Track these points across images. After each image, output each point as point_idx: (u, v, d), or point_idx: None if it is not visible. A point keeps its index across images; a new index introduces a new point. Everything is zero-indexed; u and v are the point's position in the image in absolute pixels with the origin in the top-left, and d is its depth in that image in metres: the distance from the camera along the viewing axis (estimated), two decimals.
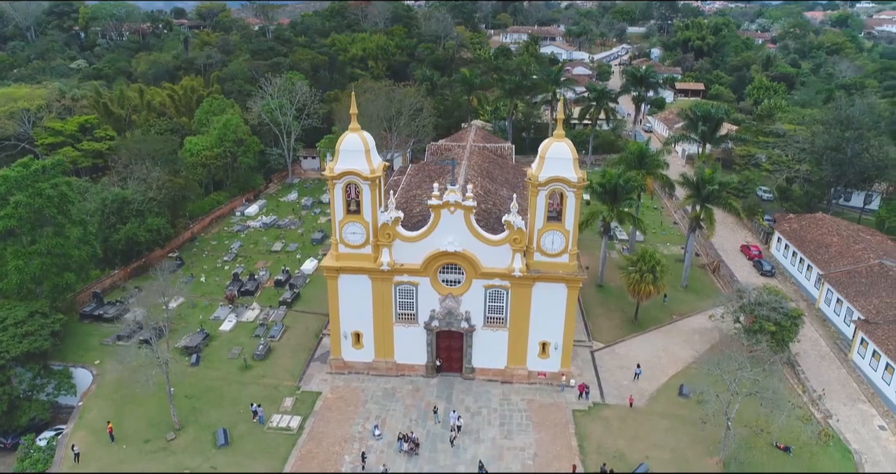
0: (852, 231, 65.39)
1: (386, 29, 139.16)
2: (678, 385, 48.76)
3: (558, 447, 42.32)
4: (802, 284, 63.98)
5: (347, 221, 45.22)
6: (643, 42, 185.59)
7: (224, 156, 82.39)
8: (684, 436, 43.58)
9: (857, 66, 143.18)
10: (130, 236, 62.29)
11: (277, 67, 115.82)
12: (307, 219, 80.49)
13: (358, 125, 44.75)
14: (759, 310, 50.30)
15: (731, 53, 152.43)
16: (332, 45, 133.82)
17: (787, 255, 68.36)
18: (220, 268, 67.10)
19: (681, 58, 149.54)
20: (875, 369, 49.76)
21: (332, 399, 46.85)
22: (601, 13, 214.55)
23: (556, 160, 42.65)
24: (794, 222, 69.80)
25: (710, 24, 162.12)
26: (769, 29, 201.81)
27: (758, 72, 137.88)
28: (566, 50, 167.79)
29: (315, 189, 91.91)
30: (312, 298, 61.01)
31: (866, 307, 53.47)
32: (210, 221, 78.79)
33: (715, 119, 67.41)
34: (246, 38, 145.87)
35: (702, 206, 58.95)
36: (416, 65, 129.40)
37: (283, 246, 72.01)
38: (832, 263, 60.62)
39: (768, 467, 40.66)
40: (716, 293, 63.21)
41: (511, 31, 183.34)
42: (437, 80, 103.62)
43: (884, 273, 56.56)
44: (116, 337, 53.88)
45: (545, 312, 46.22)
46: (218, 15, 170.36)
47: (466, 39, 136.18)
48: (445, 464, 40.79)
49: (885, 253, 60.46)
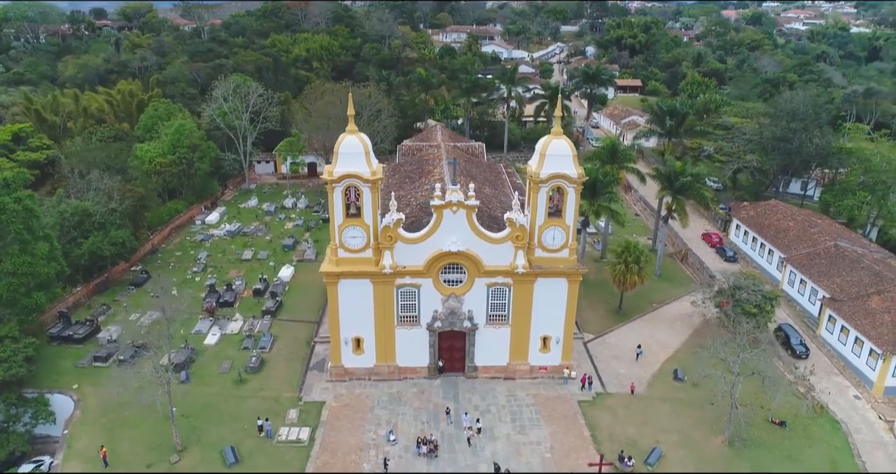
0: (805, 216, 69.86)
1: (328, 29, 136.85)
2: (672, 370, 50.67)
3: (572, 438, 43.12)
4: (765, 268, 67.72)
5: (347, 225, 44.34)
6: (577, 40, 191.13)
7: (179, 162, 78.81)
8: (687, 419, 45.37)
9: (776, 61, 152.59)
10: (94, 250, 58.65)
11: (220, 69, 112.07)
12: (273, 225, 78.21)
13: (355, 127, 43.94)
14: (740, 293, 52.91)
15: (662, 51, 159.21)
16: (272, 46, 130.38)
17: (746, 241, 72.21)
18: (190, 280, 64.24)
19: (616, 55, 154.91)
20: (844, 343, 53.39)
21: (337, 407, 45.84)
22: (534, 13, 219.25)
23: (557, 157, 43.37)
24: (751, 209, 73.80)
25: (640, 23, 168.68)
26: (692, 27, 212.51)
27: (689, 68, 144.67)
28: (506, 49, 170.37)
29: (274, 194, 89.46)
30: (295, 306, 59.56)
31: (830, 286, 57.25)
32: (170, 231, 75.23)
33: (681, 114, 70.35)
34: (180, 40, 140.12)
35: (674, 198, 61.33)
36: (363, 65, 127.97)
37: (253, 254, 69.74)
38: (792, 247, 64.51)
39: (769, 442, 42.87)
40: (688, 280, 66.19)
41: (450, 30, 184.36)
42: (394, 80, 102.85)
43: (840, 254, 60.70)
44: (93, 358, 50.73)
45: (547, 307, 46.94)
46: (145, 15, 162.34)
47: (412, 39, 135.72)
48: (467, 464, 40.79)
49: (838, 235, 64.90)
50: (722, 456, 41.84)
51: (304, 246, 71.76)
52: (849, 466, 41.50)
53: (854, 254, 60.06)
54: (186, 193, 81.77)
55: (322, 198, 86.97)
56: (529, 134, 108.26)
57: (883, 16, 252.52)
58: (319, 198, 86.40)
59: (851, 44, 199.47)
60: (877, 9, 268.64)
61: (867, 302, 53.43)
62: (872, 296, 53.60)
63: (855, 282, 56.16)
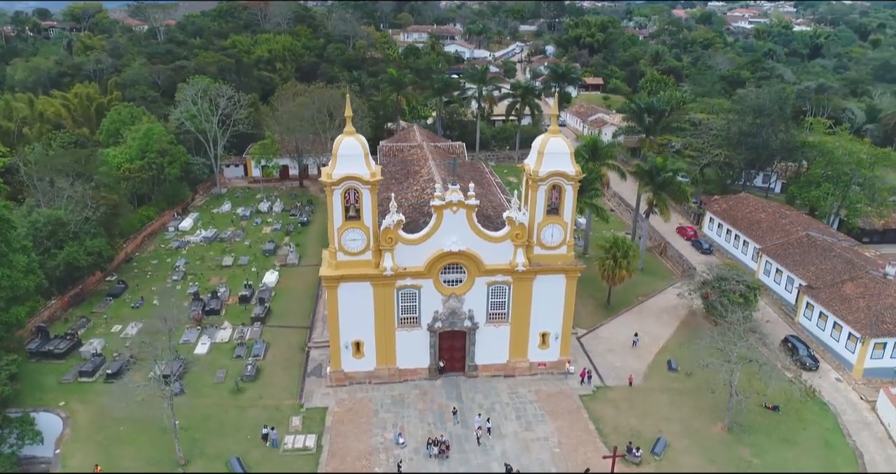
0: (774, 207, 72.62)
1: (290, 29, 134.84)
2: (665, 361, 51.93)
3: (578, 432, 43.72)
4: (740, 259, 70.00)
5: (347, 228, 43.85)
6: (536, 40, 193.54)
7: (148, 168, 76.39)
8: (686, 408, 46.56)
9: (728, 59, 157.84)
10: (70, 261, 56.26)
11: (181, 71, 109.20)
12: (250, 230, 76.57)
13: (353, 128, 43.48)
14: (725, 284, 54.58)
15: (620, 49, 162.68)
16: (233, 47, 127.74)
17: (720, 234, 74.52)
18: (171, 289, 62.34)
19: (576, 54, 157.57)
20: (823, 329, 55.71)
21: (340, 412, 45.26)
22: (492, 12, 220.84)
23: (555, 155, 43.90)
24: (723, 203, 76.23)
25: (598, 22, 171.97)
26: (646, 26, 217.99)
27: (647, 66, 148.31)
28: (469, 48, 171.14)
29: (247, 198, 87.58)
30: (284, 311, 58.54)
31: (806, 274, 59.65)
32: (143, 239, 72.80)
33: (658, 111, 72.05)
34: (135, 41, 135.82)
35: (655, 193, 62.79)
36: (328, 65, 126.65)
37: (233, 260, 68.15)
38: (766, 238, 66.93)
39: (765, 427, 44.40)
40: (669, 273, 67.90)
41: (411, 30, 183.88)
42: (365, 80, 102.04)
43: (812, 243, 63.31)
44: (78, 373, 48.67)
45: (546, 304, 47.45)
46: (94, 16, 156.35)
47: (377, 39, 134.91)
48: (479, 464, 40.85)
49: (808, 225, 67.64)
50: (723, 442, 43.11)
51: (285, 250, 70.50)
52: (840, 445, 43.35)
53: (825, 243, 62.75)
54: (157, 199, 79.28)
55: (298, 201, 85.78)
56: (499, 132, 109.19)
57: (821, 14, 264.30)
58: (295, 202, 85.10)
59: (795, 42, 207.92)
60: (814, 8, 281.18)
61: (842, 288, 55.87)
62: (846, 283, 56.08)
63: (829, 270, 58.64)
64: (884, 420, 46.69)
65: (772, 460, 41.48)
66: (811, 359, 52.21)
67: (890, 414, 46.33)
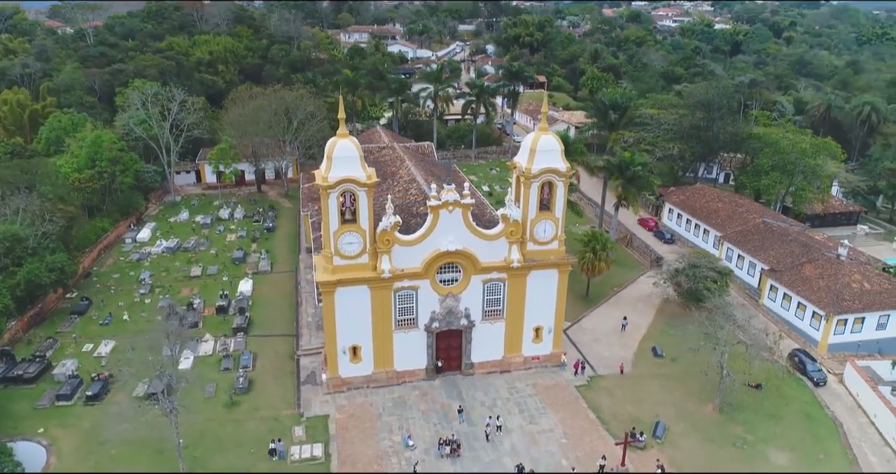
0: (729, 197, 76.49)
1: (230, 30, 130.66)
2: (650, 348, 53.87)
3: (580, 422, 44.79)
4: (701, 246, 73.24)
5: (343, 231, 43.19)
6: (476, 39, 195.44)
7: (100, 177, 72.57)
8: (676, 392, 48.49)
9: (661, 56, 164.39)
10: (31, 279, 52.83)
11: (119, 75, 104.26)
12: (214, 238, 73.97)
13: (346, 130, 42.87)
14: (698, 271, 57.10)
15: (559, 48, 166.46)
16: (170, 49, 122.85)
17: (680, 224, 77.79)
18: (140, 303, 59.54)
19: (518, 53, 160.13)
20: (787, 309, 59.18)
21: (343, 419, 44.59)
22: (429, 12, 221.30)
23: (547, 152, 44.75)
24: (680, 194, 79.59)
25: (535, 22, 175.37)
26: (579, 25, 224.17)
27: (587, 64, 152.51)
28: (412, 48, 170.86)
29: (204, 205, 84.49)
30: (265, 320, 57.06)
31: (767, 258, 63.17)
32: (99, 253, 69.04)
33: (623, 107, 74.34)
34: (63, 44, 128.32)
35: (625, 187, 64.89)
36: (272, 67, 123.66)
37: (202, 270, 65.69)
38: (726, 226, 70.41)
39: (751, 405, 46.80)
40: (637, 263, 70.30)
41: (351, 30, 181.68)
42: (320, 81, 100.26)
43: (769, 229, 67.10)
44: (55, 397, 45.80)
45: (539, 298, 48.28)
46: (12, 17, 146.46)
47: (321, 39, 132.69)
48: (491, 460, 41.19)
49: (762, 213, 71.59)
50: (716, 422, 45.19)
51: (255, 257, 68.60)
52: (821, 417, 46.27)
53: (781, 229, 66.65)
54: (110, 210, 75.38)
55: (259, 207, 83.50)
56: (454, 132, 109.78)
57: (736, 13, 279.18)
58: (257, 208, 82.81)
59: (717, 39, 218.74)
60: (730, 7, 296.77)
61: (801, 270, 59.53)
62: (805, 265, 59.79)
63: (788, 254, 62.33)
64: (852, 390, 50.10)
65: (763, 435, 43.83)
66: (820, 374, 50.40)
67: (857, 384, 49.75)
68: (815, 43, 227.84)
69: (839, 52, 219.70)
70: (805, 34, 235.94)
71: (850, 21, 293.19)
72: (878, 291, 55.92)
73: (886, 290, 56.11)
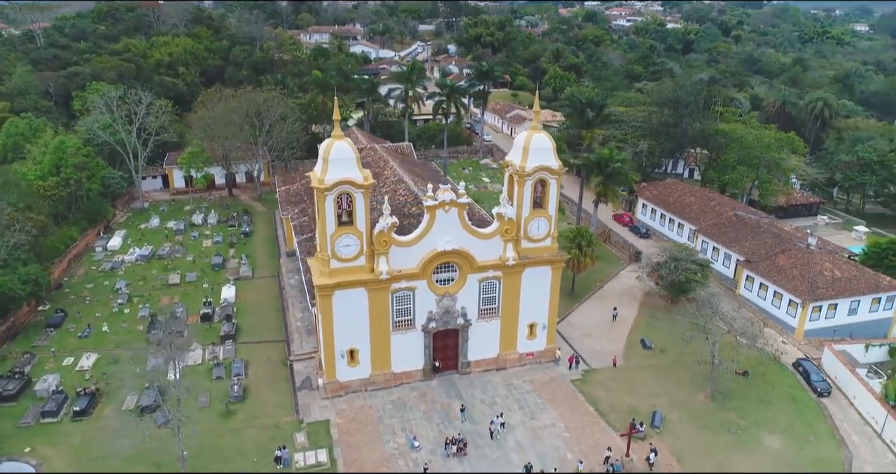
0: (700, 191, 78.72)
1: (188, 31, 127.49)
2: (638, 340, 55.05)
3: (580, 415, 45.47)
4: (676, 240, 74.93)
5: (340, 234, 42.73)
6: (436, 39, 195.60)
7: (65, 184, 69.88)
8: (668, 382, 49.69)
9: (619, 55, 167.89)
10: (4, 292, 50.50)
11: (76, 78, 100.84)
12: (189, 244, 72.06)
13: (341, 132, 42.45)
14: (680, 264, 58.64)
15: (520, 48, 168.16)
16: (126, 51, 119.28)
17: (654, 218, 79.67)
18: (118, 313, 57.61)
19: (480, 52, 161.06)
20: (764, 298, 61.33)
21: (344, 424, 44.14)
22: (389, 12, 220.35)
23: (540, 150, 45.26)
24: (653, 189, 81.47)
25: (495, 22, 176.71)
26: (537, 25, 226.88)
27: (549, 63, 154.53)
28: (374, 49, 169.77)
29: (175, 211, 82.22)
30: (253, 326, 56.00)
31: (742, 250, 65.30)
32: (69, 262, 66.46)
33: (599, 105, 75.62)
34: (10, 47, 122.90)
35: (604, 184, 66.10)
36: (234, 68, 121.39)
37: (180, 277, 63.95)
38: (700, 219, 72.45)
39: (740, 391, 48.34)
40: (617, 258, 71.69)
41: (312, 30, 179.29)
42: (290, 82, 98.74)
43: (741, 222, 69.38)
44: (40, 414, 43.93)
45: (533, 295, 48.81)
46: None
47: (285, 40, 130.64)
48: (497, 457, 41.42)
49: (733, 206, 73.94)
50: (709, 409, 46.51)
51: (235, 263, 67.19)
52: (805, 400, 48.13)
53: (753, 221, 69.01)
54: (76, 218, 72.61)
55: (233, 211, 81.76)
56: (423, 132, 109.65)
57: (686, 12, 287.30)
58: (231, 212, 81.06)
59: (670, 38, 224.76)
60: (680, 6, 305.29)
61: (776, 260, 61.78)
62: (779, 255, 62.08)
63: (761, 245, 64.58)
64: (830, 373, 52.28)
65: (755, 420, 45.36)
66: (825, 384, 49.29)
67: (835, 367, 51.95)
68: (762, 41, 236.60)
69: (784, 49, 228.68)
70: (752, 33, 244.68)
71: (792, 20, 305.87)
72: (848, 278, 58.50)
73: (855, 277, 58.75)
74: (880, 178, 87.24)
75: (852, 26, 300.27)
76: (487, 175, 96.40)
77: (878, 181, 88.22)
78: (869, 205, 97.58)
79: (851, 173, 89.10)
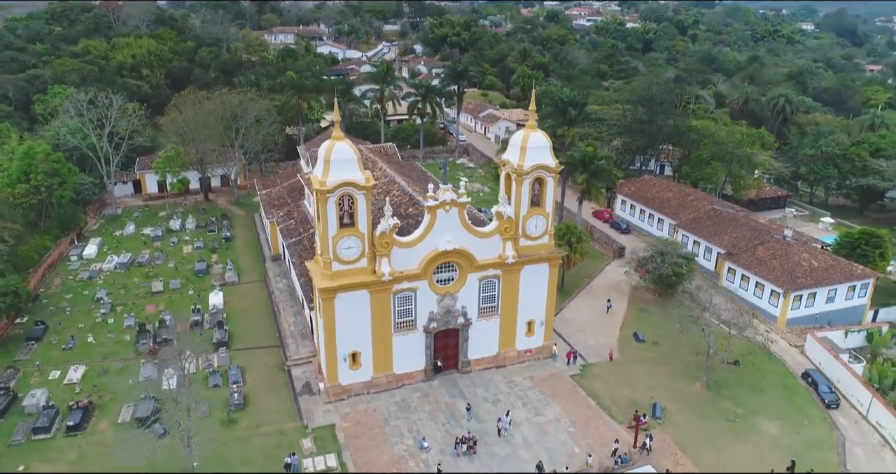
0: (677, 187, 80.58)
1: (151, 32, 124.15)
2: (631, 334, 56.08)
3: (582, 409, 46.10)
4: (656, 235, 76.52)
5: (342, 236, 42.34)
6: (402, 39, 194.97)
7: (36, 191, 67.38)
8: (663, 373, 50.78)
9: (584, 54, 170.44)
10: None
11: (36, 81, 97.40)
12: (169, 251, 70.22)
13: (342, 133, 42.06)
14: (667, 258, 59.98)
15: (486, 47, 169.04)
16: (87, 53, 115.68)
17: (633, 214, 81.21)
18: (102, 323, 55.82)
19: (448, 52, 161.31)
20: (746, 289, 63.18)
21: (350, 427, 43.77)
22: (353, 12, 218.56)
23: (537, 149, 45.71)
24: (631, 185, 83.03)
25: (461, 22, 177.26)
26: (501, 25, 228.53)
27: (516, 63, 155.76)
28: (341, 49, 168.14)
29: (149, 217, 79.98)
30: (245, 332, 54.99)
31: (722, 243, 67.11)
32: (44, 272, 64.02)
33: (580, 104, 76.61)
34: None
35: (589, 181, 67.10)
36: (201, 70, 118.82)
37: (164, 284, 62.33)
38: (679, 214, 74.17)
39: (733, 380, 49.72)
40: (602, 254, 72.84)
41: (277, 31, 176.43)
42: (264, 84, 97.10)
43: (719, 216, 71.32)
44: (31, 430, 42.28)
45: (531, 292, 49.22)
46: None
47: (253, 41, 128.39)
48: (507, 454, 41.66)
49: (710, 201, 75.94)
50: (706, 399, 47.73)
51: (218, 268, 65.81)
52: (795, 386, 49.86)
53: (730, 215, 71.02)
54: (48, 226, 70.02)
55: (212, 216, 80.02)
56: (398, 132, 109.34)
57: (643, 12, 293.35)
58: (209, 217, 79.31)
59: (630, 37, 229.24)
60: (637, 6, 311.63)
61: (755, 252, 63.74)
62: (758, 247, 64.05)
63: (741, 238, 66.52)
64: (813, 359, 54.27)
65: (751, 407, 46.75)
66: (833, 395, 48.30)
67: (818, 354, 53.96)
68: (717, 40, 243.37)
69: (739, 48, 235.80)
70: (708, 32, 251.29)
71: (743, 19, 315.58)
72: (825, 268, 60.77)
73: (831, 266, 61.06)
74: (843, 171, 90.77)
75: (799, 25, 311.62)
76: (465, 174, 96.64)
77: (840, 174, 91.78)
78: (831, 197, 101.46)
79: (816, 166, 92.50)
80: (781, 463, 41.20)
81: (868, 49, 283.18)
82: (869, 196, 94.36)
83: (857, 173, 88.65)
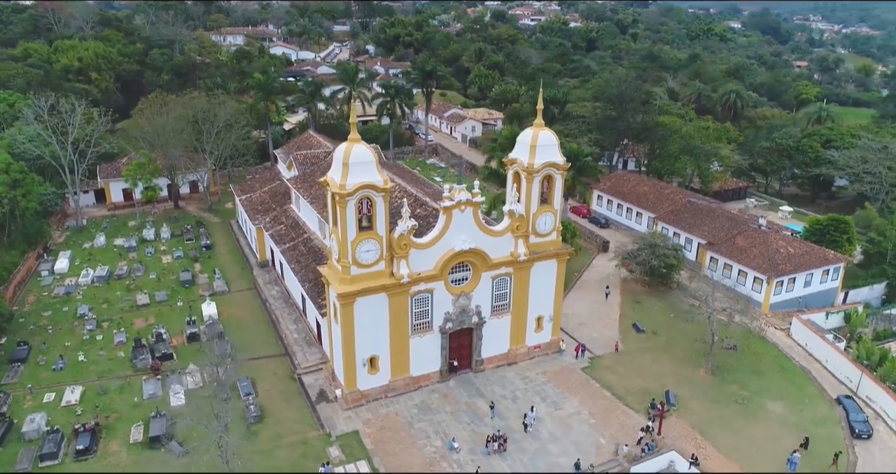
0: (651, 181, 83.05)
1: (97, 34, 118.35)
2: (630, 324, 57.55)
3: (600, 401, 47.03)
4: (635, 228, 78.90)
5: (361, 239, 41.73)
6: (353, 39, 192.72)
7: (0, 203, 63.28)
8: (668, 361, 52.39)
9: (536, 53, 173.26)
10: None
11: None
12: (147, 261, 67.22)
13: (358, 135, 41.42)
14: (658, 250, 61.86)
15: (439, 47, 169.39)
16: (28, 56, 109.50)
17: (611, 208, 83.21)
18: (91, 340, 52.98)
19: (402, 53, 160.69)
20: (729, 277, 65.72)
21: (374, 433, 43.19)
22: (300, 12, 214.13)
23: (546, 147, 46.31)
24: (607, 181, 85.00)
25: (412, 22, 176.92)
26: (449, 24, 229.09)
27: (471, 62, 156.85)
28: (294, 50, 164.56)
29: (118, 227, 76.28)
30: (246, 342, 53.30)
31: (703, 234, 69.69)
32: (14, 289, 60.19)
33: (562, 102, 77.73)
34: None
35: (576, 177, 68.36)
36: (153, 73, 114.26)
37: (149, 297, 59.70)
38: (657, 207, 76.51)
39: (734, 365, 51.79)
40: (586, 249, 74.21)
41: (226, 32, 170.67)
42: (230, 86, 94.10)
43: (696, 207, 74.01)
44: (38, 457, 39.75)
45: (541, 289, 49.87)
46: None
47: (208, 42, 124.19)
48: (536, 450, 42.03)
49: (684, 194, 78.68)
50: (712, 384, 49.55)
51: (204, 278, 63.54)
52: (791, 368, 52.38)
53: (706, 207, 73.84)
54: (14, 240, 65.86)
55: (187, 223, 77.07)
56: (365, 133, 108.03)
57: (583, 11, 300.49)
58: (184, 225, 76.35)
59: (574, 36, 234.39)
60: (576, 6, 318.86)
61: (735, 241, 66.51)
62: (737, 237, 66.87)
63: (719, 228, 69.25)
64: (800, 341, 57.12)
65: (755, 389, 48.84)
66: (864, 426, 44.61)
67: (804, 335, 56.85)
68: (656, 38, 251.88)
69: (678, 46, 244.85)
70: (647, 31, 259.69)
71: (676, 18, 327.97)
72: (801, 254, 64.04)
73: (806, 253, 64.39)
74: (797, 162, 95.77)
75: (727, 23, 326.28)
76: (438, 174, 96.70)
77: (794, 164, 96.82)
78: (784, 187, 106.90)
79: (771, 158, 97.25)
80: (793, 440, 43.27)
81: (791, 46, 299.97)
82: (820, 185, 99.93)
83: (811, 163, 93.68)
